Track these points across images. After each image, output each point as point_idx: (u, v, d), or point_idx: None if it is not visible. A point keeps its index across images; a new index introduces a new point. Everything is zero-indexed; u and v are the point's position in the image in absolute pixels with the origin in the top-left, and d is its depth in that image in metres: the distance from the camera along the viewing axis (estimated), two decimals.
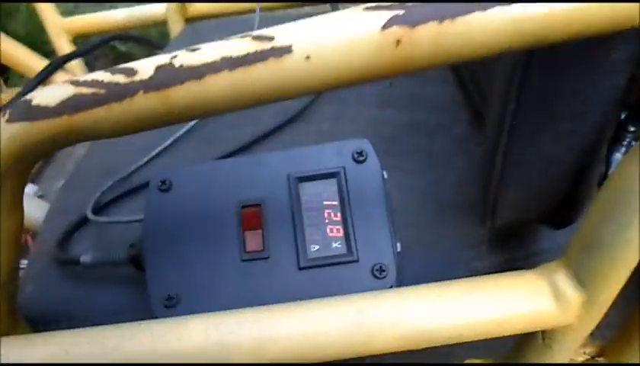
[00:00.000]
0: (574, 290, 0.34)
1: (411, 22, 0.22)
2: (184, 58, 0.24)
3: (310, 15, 0.25)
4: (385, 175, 0.40)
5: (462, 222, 0.46)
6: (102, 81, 0.25)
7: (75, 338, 0.36)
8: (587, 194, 0.35)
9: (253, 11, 0.96)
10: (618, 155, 0.36)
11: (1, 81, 1.14)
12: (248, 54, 0.23)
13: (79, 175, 0.62)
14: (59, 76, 0.84)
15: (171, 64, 0.24)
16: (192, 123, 0.62)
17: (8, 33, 1.36)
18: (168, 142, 0.61)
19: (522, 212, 0.36)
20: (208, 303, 0.37)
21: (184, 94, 0.24)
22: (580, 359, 0.45)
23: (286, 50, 0.23)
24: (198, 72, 0.23)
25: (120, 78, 0.25)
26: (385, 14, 0.22)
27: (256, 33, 0.24)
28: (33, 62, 1.07)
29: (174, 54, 0.24)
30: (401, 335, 0.34)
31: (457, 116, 0.58)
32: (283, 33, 0.23)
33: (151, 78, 0.24)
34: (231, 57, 0.23)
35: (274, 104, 0.63)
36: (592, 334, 0.37)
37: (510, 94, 0.31)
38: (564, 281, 0.34)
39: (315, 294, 0.36)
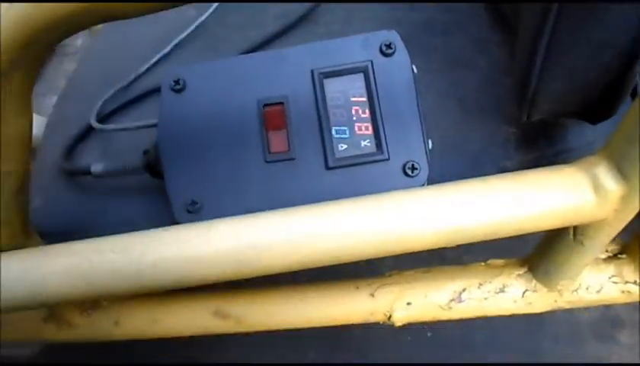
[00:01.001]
0: (614, 183, 0.33)
1: None
2: None
3: None
4: (415, 69, 0.37)
5: (487, 121, 0.44)
6: None
7: (97, 246, 0.34)
8: (627, 89, 0.33)
9: None
10: None
11: None
12: None
13: (75, 86, 0.58)
14: None
15: None
16: (193, 26, 0.58)
17: None
18: (169, 48, 0.57)
19: (563, 104, 0.35)
20: (232, 206, 0.36)
21: None
22: (602, 256, 0.44)
23: None
24: None
25: None
26: None
27: None
28: None
29: None
30: (437, 232, 0.33)
31: (475, 17, 0.55)
32: None
33: None
34: None
35: (279, 6, 0.59)
36: None
37: None
38: (605, 174, 0.33)
39: (344, 195, 0.35)
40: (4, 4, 0.23)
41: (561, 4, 0.30)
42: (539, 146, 0.42)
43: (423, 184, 0.36)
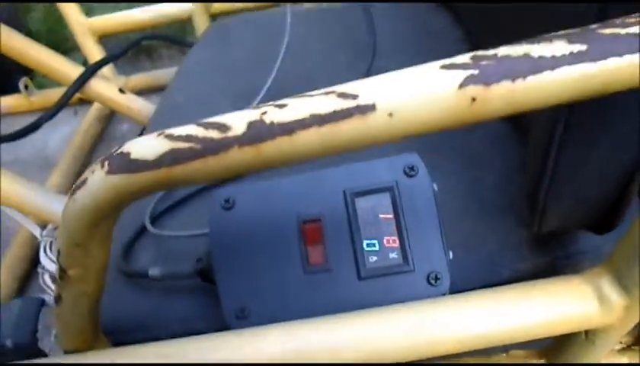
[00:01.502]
0: (617, 295, 0.37)
1: (486, 81, 0.24)
2: (273, 115, 0.27)
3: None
4: (436, 188, 0.42)
5: (503, 223, 0.48)
6: (197, 137, 0.27)
7: (157, 351, 0.39)
8: (629, 202, 0.38)
9: (274, 3, 0.97)
10: None
11: (31, 84, 1.17)
12: (334, 112, 0.26)
13: None
14: (94, 81, 0.86)
15: (262, 121, 0.27)
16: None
17: (29, 30, 1.38)
18: None
19: (568, 220, 0.39)
20: (276, 313, 0.40)
21: (275, 148, 0.26)
22: (617, 347, 0.48)
23: (371, 108, 0.25)
24: (289, 129, 0.26)
25: (214, 134, 0.27)
26: (461, 74, 0.24)
27: (340, 89, 0.26)
28: (56, 63, 1.09)
29: (263, 110, 0.27)
30: (458, 339, 0.37)
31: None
32: (365, 91, 0.26)
33: (244, 134, 0.27)
34: (319, 114, 0.26)
35: None
36: None
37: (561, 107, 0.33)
38: (608, 286, 0.37)
39: (375, 303, 0.39)
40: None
41: (567, 127, 0.35)
42: (551, 248, 0.46)
43: (445, 293, 0.40)
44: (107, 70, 1.08)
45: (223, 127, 0.27)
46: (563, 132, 0.35)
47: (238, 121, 0.27)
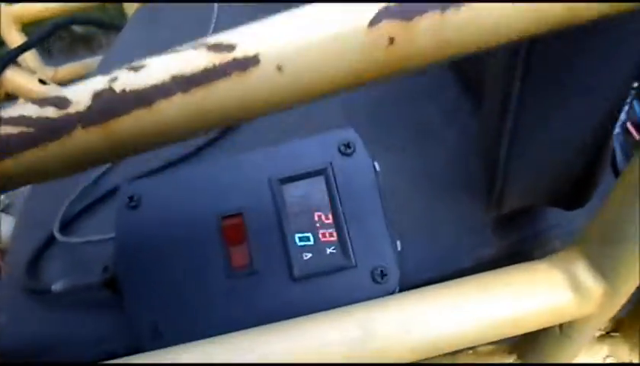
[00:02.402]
0: (594, 281, 0.31)
1: (406, 15, 0.17)
2: (125, 80, 0.19)
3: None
4: (377, 167, 0.36)
5: (461, 203, 0.42)
6: (30, 118, 0.20)
7: None
8: (601, 173, 0.32)
9: None
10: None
11: None
12: (204, 70, 0.19)
13: (43, 186, 0.57)
14: (11, 73, 0.77)
15: (111, 89, 0.19)
16: None
17: None
18: None
19: (531, 197, 0.33)
20: (195, 329, 0.34)
21: (130, 125, 0.19)
22: (596, 334, 0.42)
23: (252, 61, 0.18)
24: (146, 98, 0.19)
25: (51, 112, 0.20)
26: (372, 7, 0.18)
27: (212, 40, 0.19)
28: None
29: (113, 76, 0.20)
30: (411, 347, 0.31)
31: (443, 82, 0.54)
32: (246, 39, 0.19)
33: (89, 108, 0.19)
34: (183, 75, 0.19)
35: None
36: None
37: (515, 71, 0.27)
38: (582, 271, 0.31)
39: (313, 307, 0.33)
40: None
41: (521, 95, 0.29)
42: (517, 227, 0.40)
43: (394, 290, 0.34)
44: (32, 62, 0.98)
45: (63, 102, 0.20)
46: (520, 91, 0.28)
47: (81, 93, 0.20)
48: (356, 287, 0.34)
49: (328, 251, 0.34)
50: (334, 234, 0.35)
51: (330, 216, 0.35)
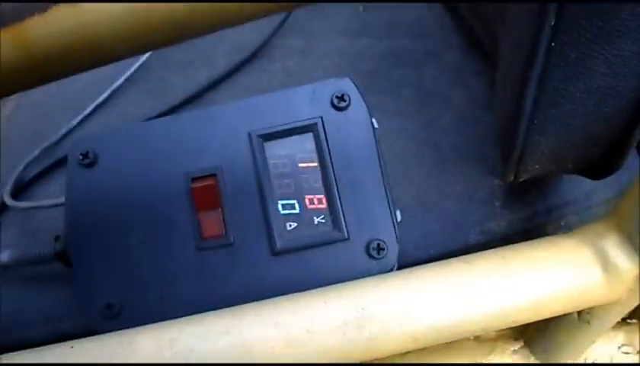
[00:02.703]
0: (628, 260, 0.26)
1: None
2: None
3: None
4: (376, 124, 0.31)
5: (468, 172, 0.38)
6: None
7: None
8: (636, 138, 0.27)
9: None
10: None
11: None
12: None
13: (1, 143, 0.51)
14: None
15: None
16: (132, 69, 0.51)
17: None
18: (104, 96, 0.50)
19: (557, 162, 0.28)
20: (159, 308, 0.29)
21: (49, 26, 0.14)
22: None
23: None
24: None
25: None
26: None
27: None
28: None
29: None
30: (411, 333, 0.26)
31: (447, 42, 0.49)
32: None
33: None
34: None
35: (230, 40, 0.53)
36: None
37: (546, 13, 0.22)
38: (615, 248, 0.26)
39: (297, 286, 0.28)
40: None
41: (554, 36, 0.23)
42: (528, 200, 0.36)
43: (392, 268, 0.29)
44: None
45: None
46: (552, 34, 0.23)
47: None
48: (349, 264, 0.29)
49: (316, 220, 0.29)
50: (324, 201, 0.29)
51: (319, 180, 0.30)
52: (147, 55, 0.52)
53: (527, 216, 0.35)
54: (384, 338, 0.26)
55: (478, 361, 0.37)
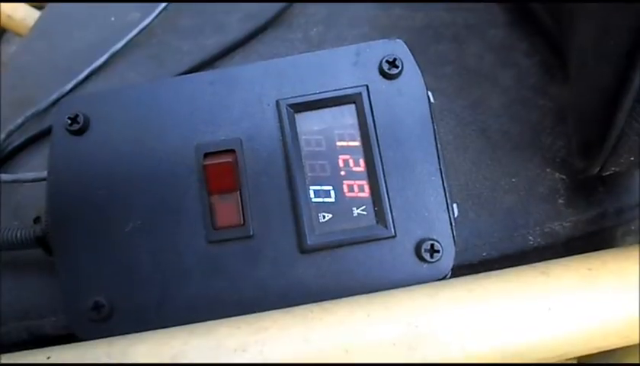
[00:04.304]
0: None
1: None
2: None
3: None
4: (432, 97, 0.25)
5: (523, 161, 0.32)
6: None
7: None
8: None
9: None
10: None
11: None
12: None
13: None
14: None
15: None
16: (135, 31, 0.45)
17: None
18: (102, 59, 0.44)
19: None
20: (158, 312, 0.23)
21: None
22: None
23: None
24: None
25: None
26: None
27: None
28: None
29: None
30: (475, 358, 0.21)
31: (491, 17, 0.43)
32: None
33: None
34: None
35: (244, 7, 0.47)
36: None
37: None
38: None
39: (329, 292, 0.23)
40: None
41: None
42: (597, 198, 0.30)
43: (447, 274, 0.24)
44: None
45: None
46: None
47: None
48: (395, 267, 0.23)
49: (356, 212, 0.24)
50: (366, 188, 0.24)
51: (361, 163, 0.24)
52: (151, 17, 0.46)
53: (594, 217, 0.30)
54: (441, 363, 0.21)
55: None
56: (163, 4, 0.47)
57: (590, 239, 0.30)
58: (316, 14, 0.46)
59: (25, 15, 0.67)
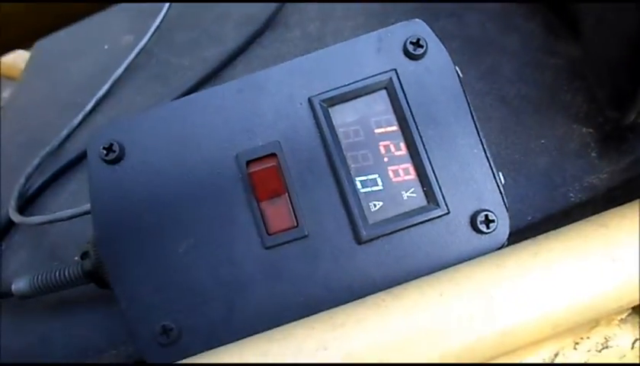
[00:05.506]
0: None
1: None
2: None
3: None
4: (460, 72, 0.25)
5: (547, 122, 0.32)
6: None
7: None
8: None
9: None
10: None
11: None
12: None
13: None
14: None
15: None
16: (132, 54, 0.45)
17: None
18: (105, 87, 0.44)
19: None
20: (227, 326, 0.23)
21: None
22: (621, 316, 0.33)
23: None
24: None
25: None
26: None
27: None
28: None
29: None
30: (551, 319, 0.21)
31: None
32: None
33: None
34: None
35: (236, 14, 0.47)
36: None
37: None
38: None
39: (392, 278, 0.23)
40: None
41: None
42: (628, 145, 0.31)
43: (503, 243, 0.24)
44: None
45: None
46: None
47: None
48: (453, 243, 0.23)
49: (405, 195, 0.24)
50: (411, 170, 0.24)
51: (402, 146, 0.24)
52: (146, 37, 0.46)
53: (629, 164, 0.30)
54: (521, 329, 0.21)
55: (583, 335, 0.32)
56: (155, 24, 0.46)
57: (628, 186, 0.30)
58: (310, 11, 0.46)
59: (14, 57, 0.66)
